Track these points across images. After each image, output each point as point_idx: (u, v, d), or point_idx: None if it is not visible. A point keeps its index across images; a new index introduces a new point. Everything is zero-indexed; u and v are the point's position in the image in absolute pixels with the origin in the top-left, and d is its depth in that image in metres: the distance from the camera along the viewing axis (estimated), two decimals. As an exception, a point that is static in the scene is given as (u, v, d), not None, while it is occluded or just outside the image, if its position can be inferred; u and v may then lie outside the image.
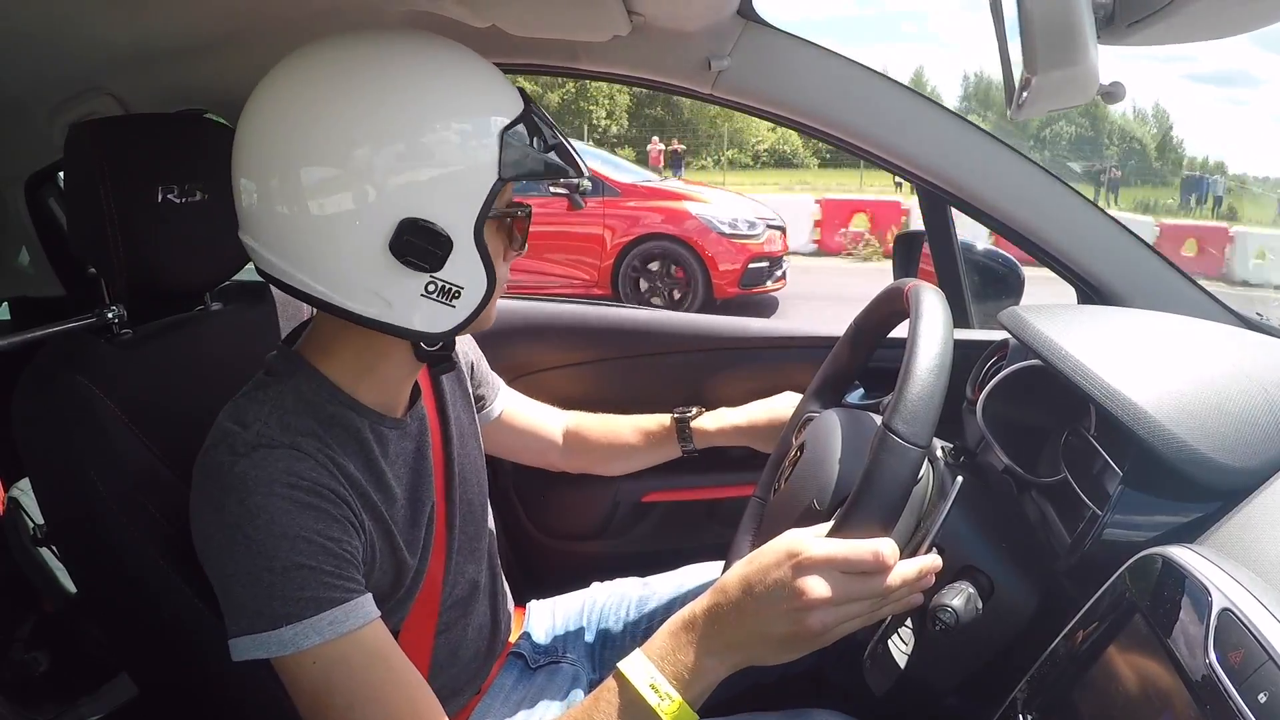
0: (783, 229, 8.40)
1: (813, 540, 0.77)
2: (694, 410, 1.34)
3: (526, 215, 0.94)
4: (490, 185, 0.83)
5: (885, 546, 0.76)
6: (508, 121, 0.85)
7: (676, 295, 7.80)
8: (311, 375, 0.93)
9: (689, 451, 1.34)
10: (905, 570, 0.78)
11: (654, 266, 7.84)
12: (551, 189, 7.29)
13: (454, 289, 0.86)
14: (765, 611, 0.76)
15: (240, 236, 0.90)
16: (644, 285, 7.87)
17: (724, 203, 8.24)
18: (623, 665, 0.79)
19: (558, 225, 7.68)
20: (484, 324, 0.93)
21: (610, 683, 0.80)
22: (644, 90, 1.49)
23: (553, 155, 0.88)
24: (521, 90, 0.90)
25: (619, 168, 8.84)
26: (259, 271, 0.91)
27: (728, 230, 7.72)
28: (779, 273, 8.16)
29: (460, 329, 0.89)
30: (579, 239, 7.86)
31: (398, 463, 0.99)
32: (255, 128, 0.85)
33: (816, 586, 0.75)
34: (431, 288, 0.85)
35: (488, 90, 0.86)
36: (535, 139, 0.86)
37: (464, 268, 0.85)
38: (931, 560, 0.81)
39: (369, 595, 0.87)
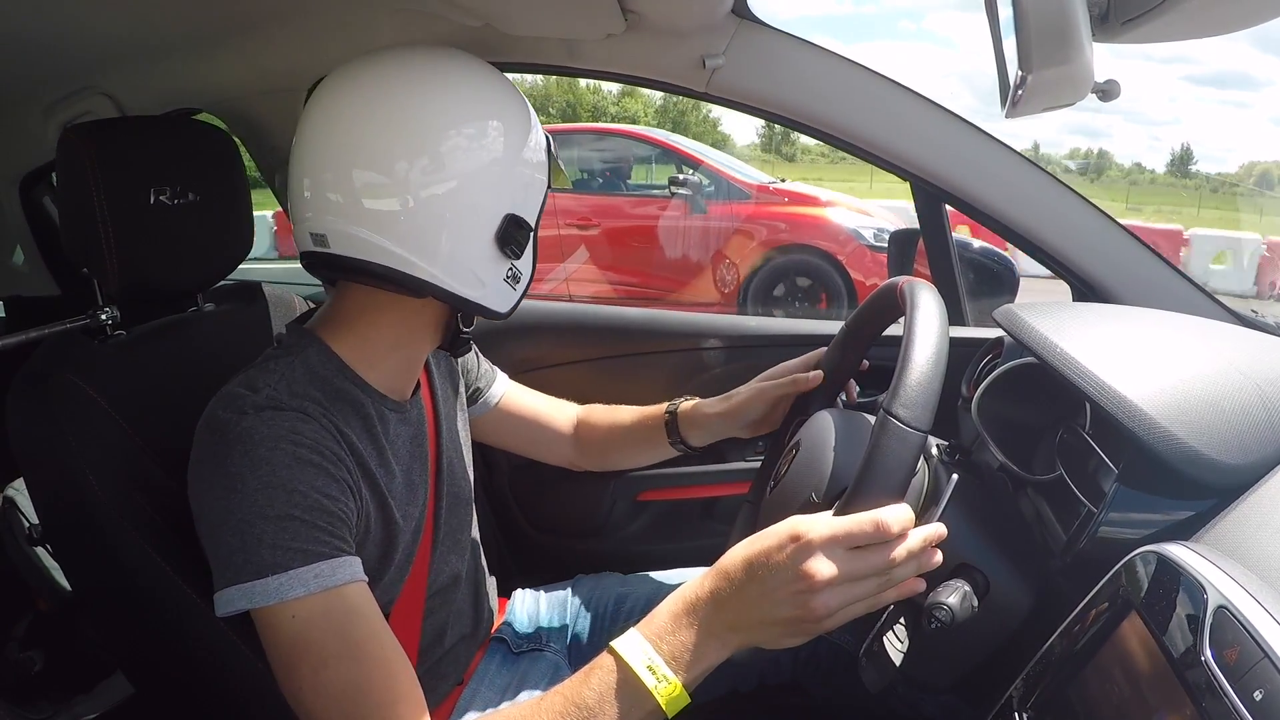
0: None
1: (816, 521, 0.77)
2: (682, 400, 1.31)
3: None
4: (544, 191, 1.00)
5: (887, 514, 0.76)
6: (548, 136, 1.01)
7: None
8: (322, 350, 0.97)
9: (675, 444, 1.30)
10: (910, 541, 0.78)
11: (793, 282, 6.35)
12: (674, 190, 6.57)
13: (520, 273, 1.00)
14: (769, 595, 0.76)
15: (341, 226, 0.92)
16: (776, 306, 6.39)
17: (853, 209, 6.76)
18: (617, 644, 0.78)
19: (675, 230, 6.58)
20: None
21: (605, 660, 0.79)
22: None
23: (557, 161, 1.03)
24: None
25: (735, 168, 7.23)
26: (317, 264, 0.95)
27: (874, 242, 6.27)
28: None
29: (515, 307, 1.01)
30: (703, 248, 6.61)
31: (397, 443, 1.02)
32: (384, 124, 0.90)
33: (821, 568, 0.74)
34: (510, 272, 0.98)
35: (530, 111, 1.00)
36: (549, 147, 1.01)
37: (528, 256, 1.00)
38: (935, 529, 0.81)
39: (357, 558, 0.88)
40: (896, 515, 0.77)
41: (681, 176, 6.64)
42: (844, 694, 1.27)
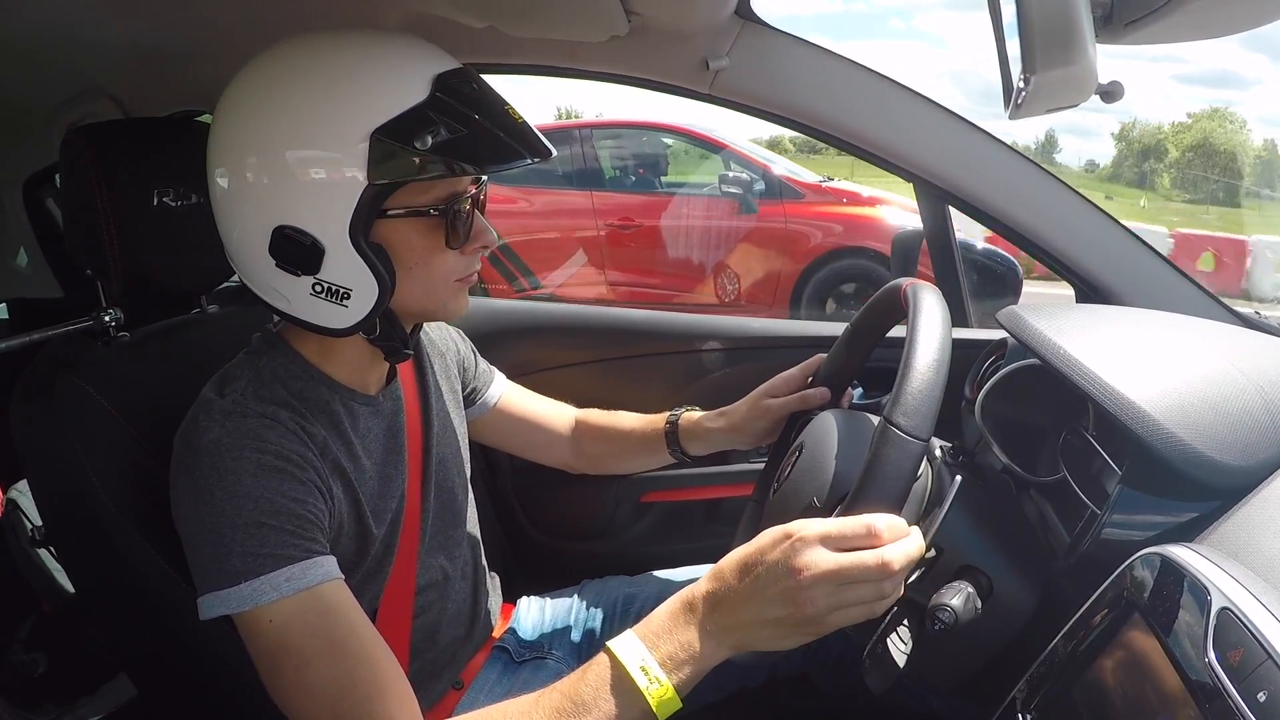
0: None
1: (809, 522, 0.78)
2: (684, 409, 1.32)
3: (446, 211, 0.90)
4: (358, 192, 0.84)
5: (878, 521, 0.77)
6: (382, 122, 0.83)
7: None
8: (286, 351, 0.99)
9: (675, 453, 1.31)
10: (908, 546, 0.78)
11: (848, 288, 5.90)
12: (724, 189, 6.15)
13: (342, 290, 0.89)
14: (761, 592, 0.77)
15: None
16: (831, 310, 5.92)
17: (907, 209, 5.95)
18: (613, 644, 0.79)
19: (727, 233, 6.17)
20: (443, 315, 0.99)
21: (601, 659, 0.79)
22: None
23: (436, 151, 0.84)
24: (449, 74, 0.88)
25: (787, 167, 6.73)
26: None
27: None
28: None
29: (357, 328, 0.92)
30: (749, 252, 6.17)
31: (368, 437, 1.03)
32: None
33: (810, 562, 0.75)
34: (318, 288, 0.89)
35: (367, 92, 0.85)
36: (424, 135, 0.83)
37: (347, 271, 0.88)
38: (916, 544, 0.80)
39: (331, 557, 0.89)
40: (888, 523, 0.77)
41: (731, 174, 6.26)
42: (853, 687, 1.27)
